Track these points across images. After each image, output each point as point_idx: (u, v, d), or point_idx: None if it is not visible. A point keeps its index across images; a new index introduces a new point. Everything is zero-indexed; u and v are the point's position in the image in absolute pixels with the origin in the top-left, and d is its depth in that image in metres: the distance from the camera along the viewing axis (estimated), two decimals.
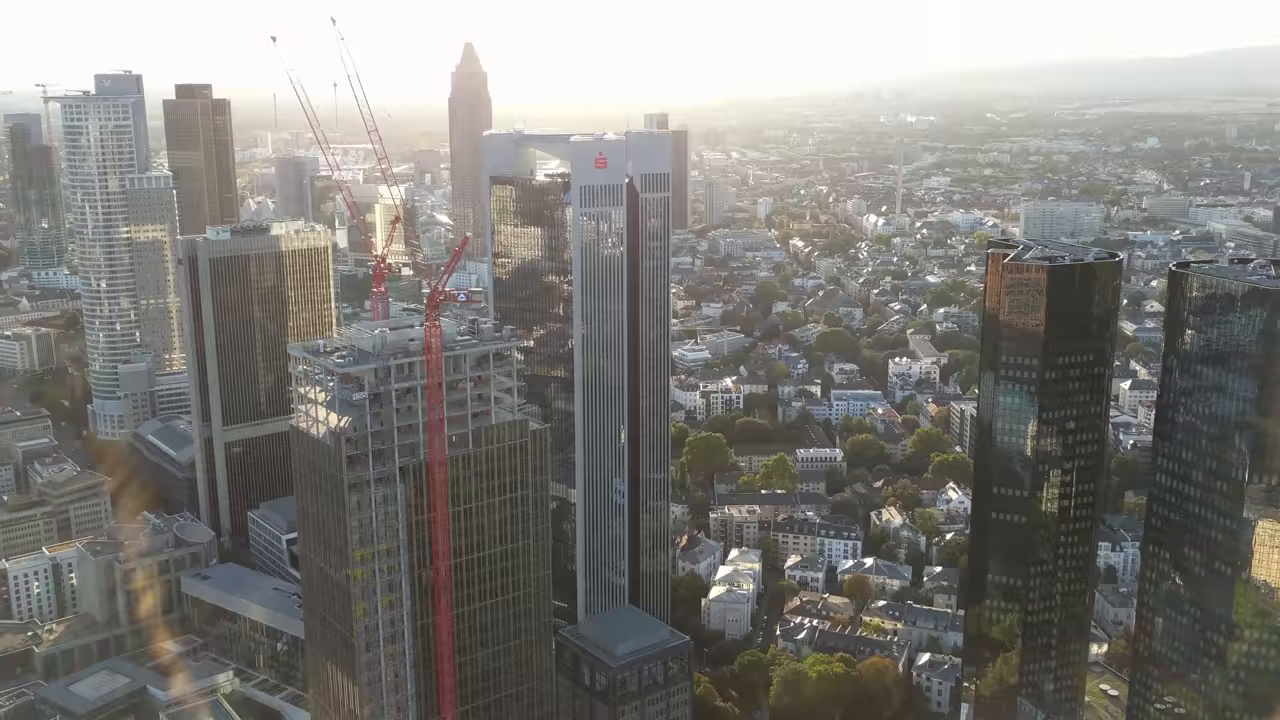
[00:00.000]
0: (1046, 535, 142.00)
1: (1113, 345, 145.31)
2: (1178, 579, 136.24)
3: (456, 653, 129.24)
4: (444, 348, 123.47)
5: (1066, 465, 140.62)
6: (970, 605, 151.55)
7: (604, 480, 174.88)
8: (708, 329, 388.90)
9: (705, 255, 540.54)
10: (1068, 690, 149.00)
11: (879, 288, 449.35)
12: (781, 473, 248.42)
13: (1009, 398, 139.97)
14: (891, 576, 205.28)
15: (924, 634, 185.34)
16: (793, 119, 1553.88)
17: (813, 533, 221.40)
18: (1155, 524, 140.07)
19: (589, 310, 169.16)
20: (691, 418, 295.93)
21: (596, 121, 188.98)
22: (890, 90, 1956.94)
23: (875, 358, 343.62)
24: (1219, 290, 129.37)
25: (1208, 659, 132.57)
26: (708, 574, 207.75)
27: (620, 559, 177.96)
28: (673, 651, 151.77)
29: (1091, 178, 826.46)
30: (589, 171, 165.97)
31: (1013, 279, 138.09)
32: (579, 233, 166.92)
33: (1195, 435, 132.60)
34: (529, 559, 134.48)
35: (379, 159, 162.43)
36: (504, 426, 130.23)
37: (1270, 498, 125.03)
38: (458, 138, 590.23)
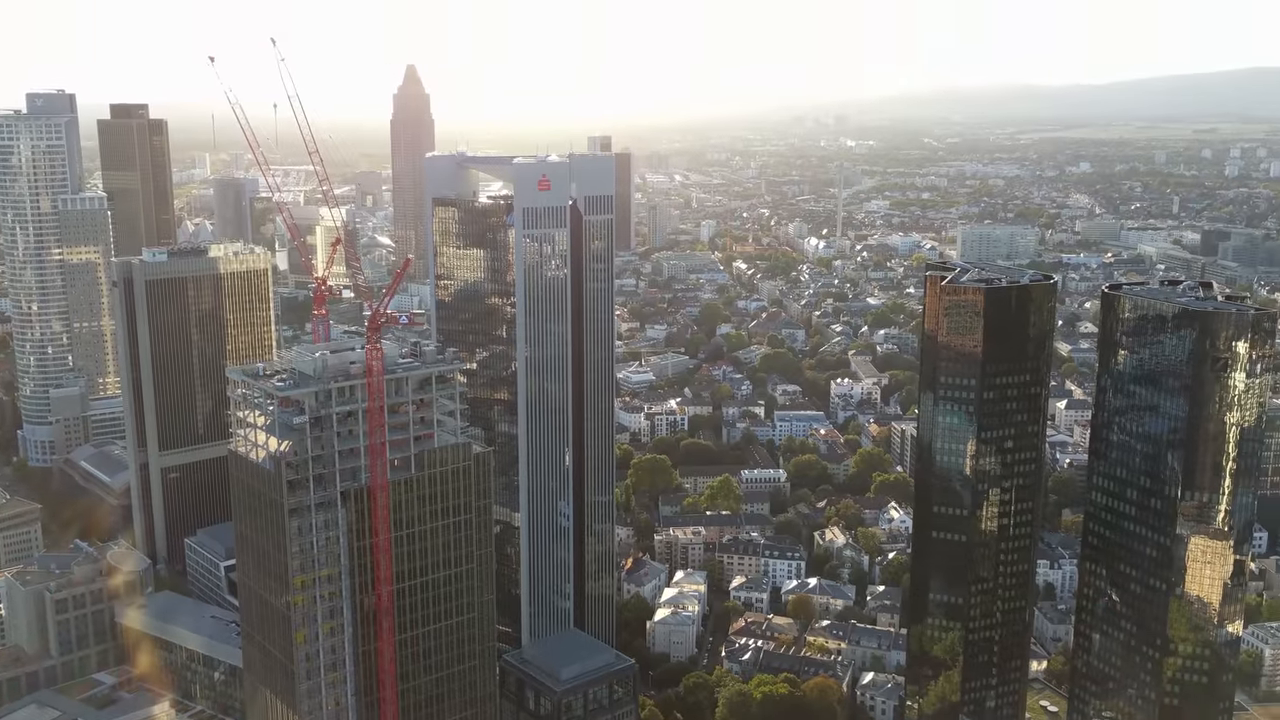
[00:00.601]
0: (986, 553, 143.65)
1: (1048, 365, 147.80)
2: (1114, 595, 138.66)
3: (399, 679, 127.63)
4: (386, 370, 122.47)
5: (1005, 484, 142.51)
6: (912, 624, 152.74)
7: (548, 503, 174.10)
8: (652, 351, 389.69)
9: (649, 277, 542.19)
10: (1008, 707, 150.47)
11: (821, 309, 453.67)
12: (726, 494, 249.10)
13: (948, 418, 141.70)
14: (835, 596, 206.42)
15: (867, 653, 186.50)
16: (735, 142, 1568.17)
17: (757, 553, 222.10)
18: (1092, 541, 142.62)
19: (532, 332, 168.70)
20: (636, 439, 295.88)
21: (540, 144, 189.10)
22: (830, 115, 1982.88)
23: (818, 379, 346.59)
24: (1150, 311, 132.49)
25: (1143, 674, 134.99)
26: (653, 596, 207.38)
27: (565, 582, 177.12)
28: (618, 675, 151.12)
29: (1026, 201, 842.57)
30: (532, 193, 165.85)
31: (951, 301, 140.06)
32: (522, 255, 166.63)
33: (1129, 454, 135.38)
34: (473, 583, 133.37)
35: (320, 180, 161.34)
36: (447, 450, 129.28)
37: (1201, 515, 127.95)
38: (400, 159, 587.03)
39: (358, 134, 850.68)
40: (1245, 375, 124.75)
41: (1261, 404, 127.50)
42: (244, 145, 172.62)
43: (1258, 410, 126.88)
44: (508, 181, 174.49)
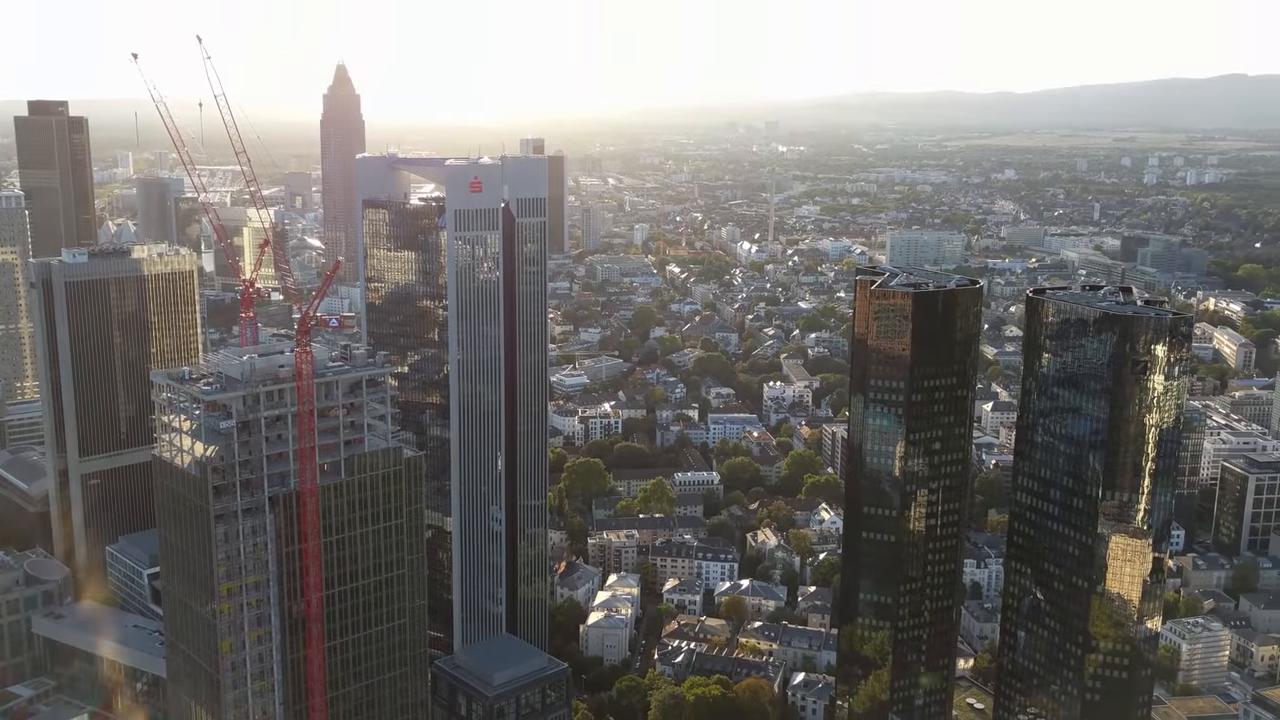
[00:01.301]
0: (915, 553, 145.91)
1: (975, 368, 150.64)
2: (1038, 594, 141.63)
3: (328, 687, 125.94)
4: (315, 374, 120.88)
5: (933, 485, 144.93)
6: (843, 624, 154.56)
7: (481, 507, 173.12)
8: (586, 354, 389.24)
9: (583, 280, 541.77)
10: (936, 705, 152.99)
11: (753, 313, 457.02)
12: (660, 496, 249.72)
13: (878, 420, 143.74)
14: (767, 597, 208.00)
15: (799, 653, 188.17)
16: (668, 146, 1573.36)
17: (690, 556, 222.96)
18: (1016, 541, 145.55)
19: (465, 335, 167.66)
20: (570, 443, 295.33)
21: (472, 146, 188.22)
22: (762, 120, 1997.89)
23: (750, 382, 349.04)
24: (1073, 315, 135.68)
25: (1066, 670, 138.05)
26: (586, 600, 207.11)
27: (498, 587, 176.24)
28: (550, 679, 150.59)
29: (953, 207, 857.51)
30: (464, 195, 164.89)
31: (880, 305, 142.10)
32: (454, 257, 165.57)
33: (1052, 455, 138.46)
34: (404, 589, 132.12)
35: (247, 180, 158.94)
36: (377, 454, 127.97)
37: (1122, 514, 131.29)
38: (330, 160, 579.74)
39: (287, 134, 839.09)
40: (1163, 378, 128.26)
41: (1179, 406, 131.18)
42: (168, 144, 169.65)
43: (1175, 412, 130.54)
44: (439, 183, 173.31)
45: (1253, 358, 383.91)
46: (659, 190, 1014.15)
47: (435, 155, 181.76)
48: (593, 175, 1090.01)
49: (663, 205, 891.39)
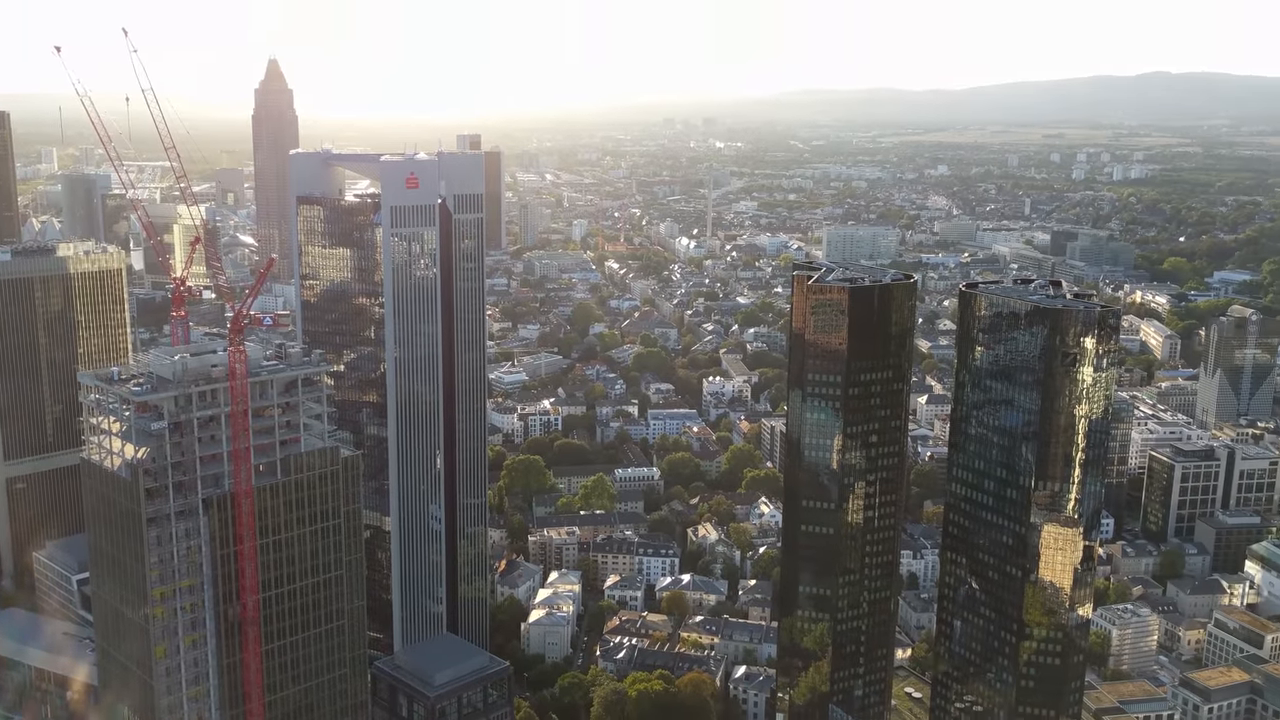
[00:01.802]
0: (853, 545, 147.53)
1: (910, 362, 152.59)
2: (973, 583, 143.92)
3: (266, 690, 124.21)
4: (249, 373, 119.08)
5: (870, 478, 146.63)
6: (783, 616, 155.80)
7: (420, 506, 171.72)
8: (525, 351, 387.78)
9: (521, 277, 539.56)
10: (875, 695, 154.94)
11: (692, 309, 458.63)
12: (600, 493, 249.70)
13: (815, 414, 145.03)
14: (708, 592, 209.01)
15: (740, 647, 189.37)
16: (606, 142, 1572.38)
17: (631, 552, 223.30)
18: (952, 531, 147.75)
19: (401, 333, 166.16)
20: (509, 440, 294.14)
21: (408, 142, 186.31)
22: (699, 117, 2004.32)
23: (690, 377, 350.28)
24: (1004, 309, 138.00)
25: (1001, 657, 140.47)
26: (527, 597, 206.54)
27: (438, 586, 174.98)
28: (492, 678, 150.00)
29: (888, 203, 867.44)
30: (400, 192, 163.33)
31: (817, 300, 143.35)
32: (390, 254, 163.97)
33: (986, 446, 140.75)
34: (342, 590, 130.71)
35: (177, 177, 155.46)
36: (314, 454, 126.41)
37: (1053, 503, 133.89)
38: (262, 156, 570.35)
39: (218, 131, 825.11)
40: (1093, 369, 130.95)
41: (1108, 396, 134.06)
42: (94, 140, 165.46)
43: (1104, 403, 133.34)
44: (375, 179, 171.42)
45: (1178, 349, 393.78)
46: (597, 186, 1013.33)
47: (371, 151, 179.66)
48: (530, 171, 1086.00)
49: (601, 201, 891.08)
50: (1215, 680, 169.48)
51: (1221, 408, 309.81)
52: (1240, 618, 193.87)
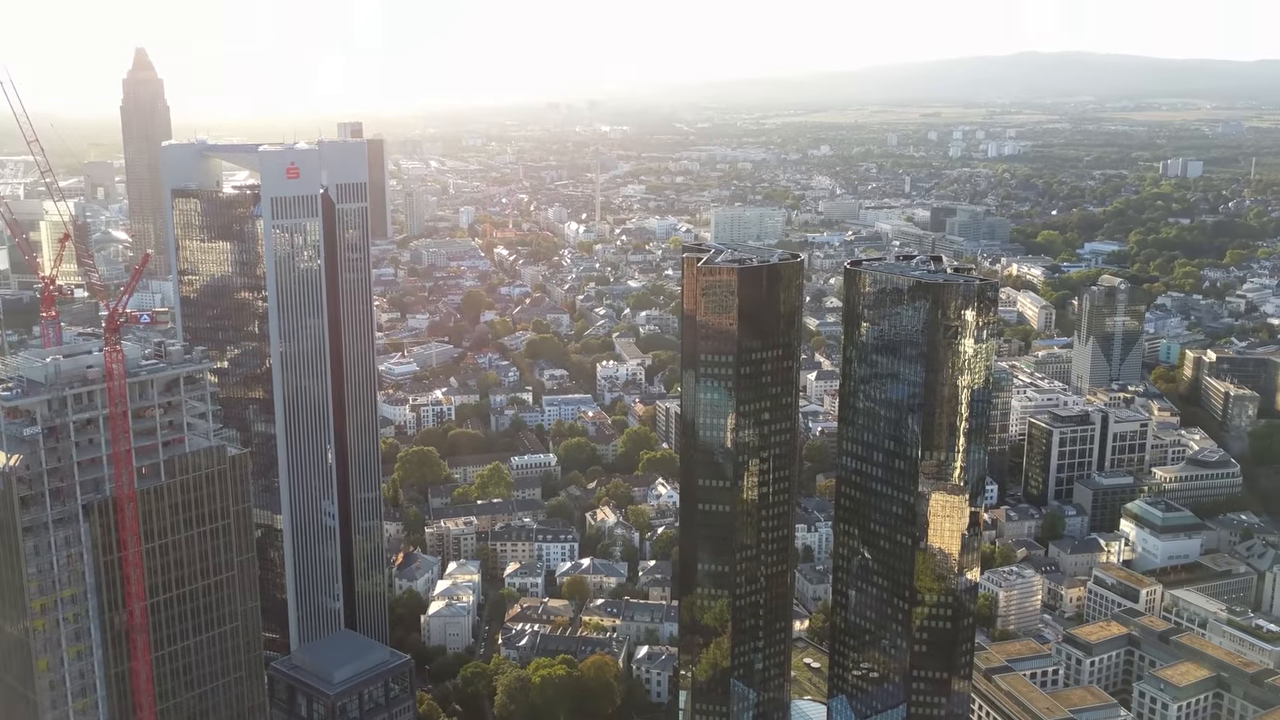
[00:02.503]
0: (749, 522, 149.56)
1: (799, 340, 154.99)
2: (866, 553, 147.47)
3: (158, 698, 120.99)
4: (127, 373, 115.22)
5: (763, 454, 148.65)
6: (683, 595, 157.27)
7: (312, 503, 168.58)
8: (414, 341, 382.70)
9: (408, 266, 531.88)
10: (775, 667, 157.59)
11: (584, 294, 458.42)
12: (497, 481, 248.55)
13: (708, 394, 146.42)
14: (608, 575, 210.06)
15: (641, 628, 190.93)
16: (491, 128, 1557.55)
17: (530, 539, 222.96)
18: (844, 503, 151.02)
19: (287, 327, 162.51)
20: (402, 432, 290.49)
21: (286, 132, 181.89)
22: (584, 101, 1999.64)
23: (584, 362, 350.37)
24: (888, 285, 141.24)
25: (895, 624, 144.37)
26: (426, 589, 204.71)
27: (334, 582, 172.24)
28: (393, 672, 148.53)
29: (773, 184, 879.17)
30: (280, 182, 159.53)
31: (707, 281, 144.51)
32: (272, 246, 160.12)
33: (874, 419, 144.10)
34: (234, 591, 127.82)
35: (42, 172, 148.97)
36: (199, 454, 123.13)
37: (940, 472, 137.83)
38: (133, 148, 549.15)
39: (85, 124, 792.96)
40: (973, 341, 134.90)
41: (988, 367, 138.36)
42: None
43: (985, 373, 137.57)
44: (253, 170, 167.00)
45: (1053, 319, 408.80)
46: (483, 172, 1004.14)
47: (247, 142, 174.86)
48: (414, 159, 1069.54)
49: (488, 187, 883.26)
50: (1096, 635, 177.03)
51: (1095, 374, 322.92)
52: (1117, 574, 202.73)
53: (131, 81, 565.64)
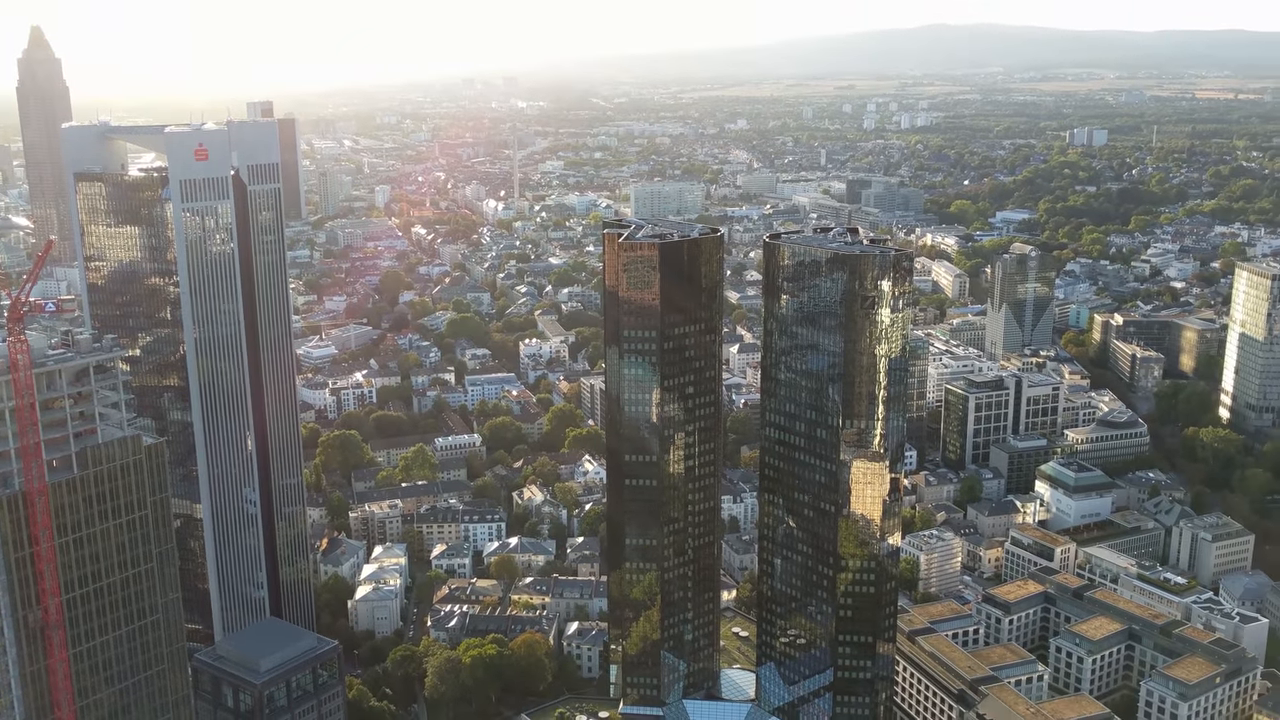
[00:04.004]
0: (676, 495, 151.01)
1: (720, 313, 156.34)
2: (791, 521, 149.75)
3: (77, 695, 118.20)
4: (33, 364, 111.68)
5: (689, 428, 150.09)
6: (612, 570, 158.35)
7: (232, 491, 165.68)
8: (333, 324, 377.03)
9: (324, 247, 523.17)
10: (705, 637, 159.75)
11: (504, 271, 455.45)
12: (421, 463, 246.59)
13: (633, 369, 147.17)
14: (536, 553, 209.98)
15: (571, 604, 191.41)
16: (405, 105, 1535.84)
17: (457, 520, 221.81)
18: (768, 474, 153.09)
19: (200, 312, 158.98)
20: (323, 416, 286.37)
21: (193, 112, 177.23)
22: (500, 77, 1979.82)
23: (506, 341, 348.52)
24: (806, 258, 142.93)
25: (820, 590, 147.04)
26: (352, 574, 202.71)
27: (257, 571, 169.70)
28: (321, 658, 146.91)
29: (691, 158, 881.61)
30: (189, 164, 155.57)
31: (628, 257, 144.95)
32: (182, 230, 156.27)
33: (795, 390, 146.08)
34: (154, 583, 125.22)
35: None
36: (113, 444, 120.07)
37: (860, 440, 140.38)
38: (32, 131, 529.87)
39: None
40: (890, 311, 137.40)
41: (904, 336, 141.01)
42: None
43: (902, 342, 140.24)
44: (160, 152, 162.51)
45: (966, 287, 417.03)
46: (398, 150, 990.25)
47: (154, 123, 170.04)
48: (328, 138, 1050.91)
49: (403, 166, 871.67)
50: (1013, 593, 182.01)
51: (1008, 340, 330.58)
52: (1033, 534, 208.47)
53: (27, 61, 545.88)
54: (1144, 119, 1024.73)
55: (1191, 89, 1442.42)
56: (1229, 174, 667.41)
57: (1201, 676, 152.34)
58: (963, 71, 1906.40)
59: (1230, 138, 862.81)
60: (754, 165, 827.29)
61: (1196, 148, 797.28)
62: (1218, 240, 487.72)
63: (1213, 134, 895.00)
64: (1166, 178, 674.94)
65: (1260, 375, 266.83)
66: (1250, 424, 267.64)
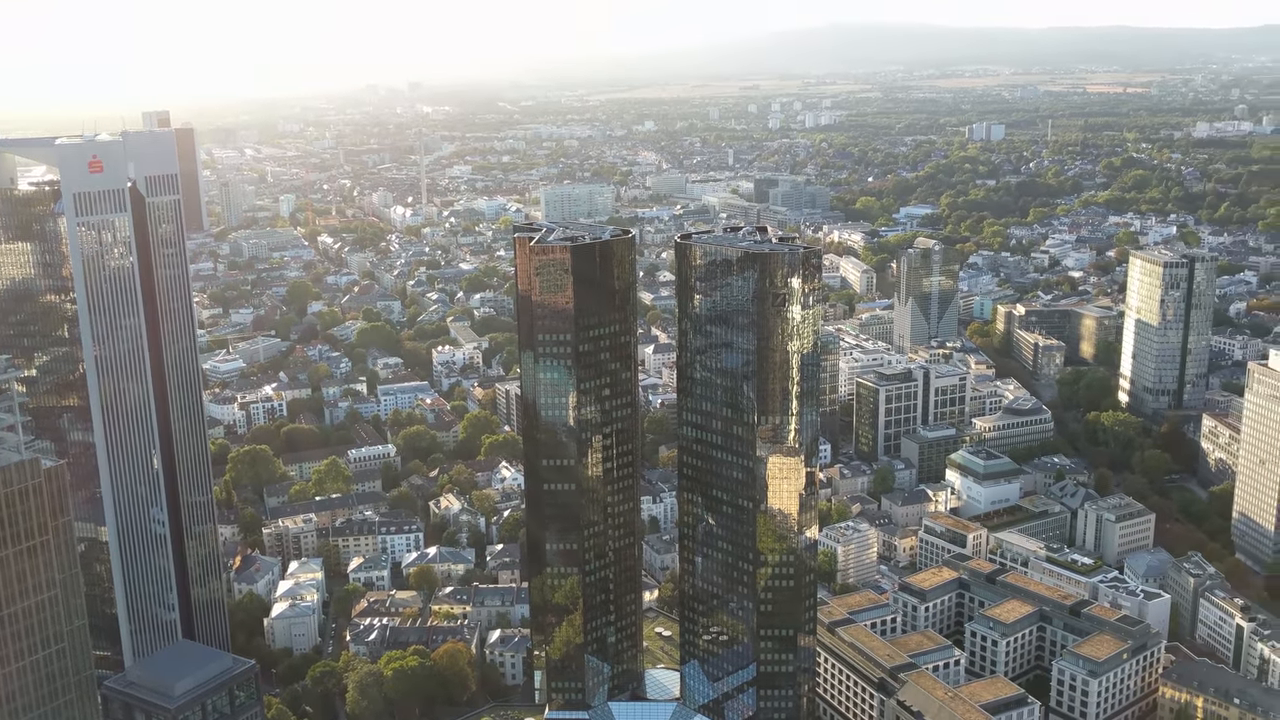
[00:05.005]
0: (595, 498, 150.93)
1: (635, 314, 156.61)
2: (710, 519, 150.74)
3: None
4: None
5: (606, 430, 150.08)
6: (533, 576, 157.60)
7: (139, 511, 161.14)
8: (239, 336, 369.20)
9: (228, 259, 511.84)
10: (628, 639, 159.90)
11: (414, 279, 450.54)
12: (335, 476, 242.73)
13: (548, 373, 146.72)
14: (456, 562, 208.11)
15: (493, 612, 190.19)
16: (307, 113, 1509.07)
17: (373, 532, 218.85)
18: (687, 473, 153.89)
19: (100, 329, 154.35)
20: (232, 432, 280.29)
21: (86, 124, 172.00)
22: (404, 82, 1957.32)
23: (418, 348, 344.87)
24: (718, 257, 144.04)
25: (741, 586, 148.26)
26: (268, 592, 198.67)
27: (168, 592, 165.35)
28: (237, 679, 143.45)
29: (600, 160, 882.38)
30: (83, 177, 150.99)
31: (540, 260, 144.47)
32: (77, 245, 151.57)
33: (711, 388, 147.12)
34: (59, 610, 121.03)
35: None
36: (10, 469, 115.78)
37: (776, 436, 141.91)
38: None
39: None
40: (801, 307, 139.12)
41: (815, 332, 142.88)
42: None
43: (813, 338, 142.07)
44: (52, 165, 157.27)
45: (873, 282, 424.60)
46: (302, 158, 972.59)
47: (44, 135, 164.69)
48: (228, 147, 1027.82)
49: (307, 174, 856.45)
50: (929, 581, 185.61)
51: (915, 332, 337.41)
52: (945, 521, 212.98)
53: None
54: (1039, 114, 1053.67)
55: (1083, 84, 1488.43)
56: (1120, 165, 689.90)
57: (1109, 653, 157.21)
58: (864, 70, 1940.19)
59: (1121, 130, 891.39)
60: (663, 166, 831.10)
61: (1089, 141, 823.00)
62: (1112, 230, 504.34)
63: (1104, 127, 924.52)
64: (1062, 170, 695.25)
65: (1155, 360, 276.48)
66: (1148, 407, 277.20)
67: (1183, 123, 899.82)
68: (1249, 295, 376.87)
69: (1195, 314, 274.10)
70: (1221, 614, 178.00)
